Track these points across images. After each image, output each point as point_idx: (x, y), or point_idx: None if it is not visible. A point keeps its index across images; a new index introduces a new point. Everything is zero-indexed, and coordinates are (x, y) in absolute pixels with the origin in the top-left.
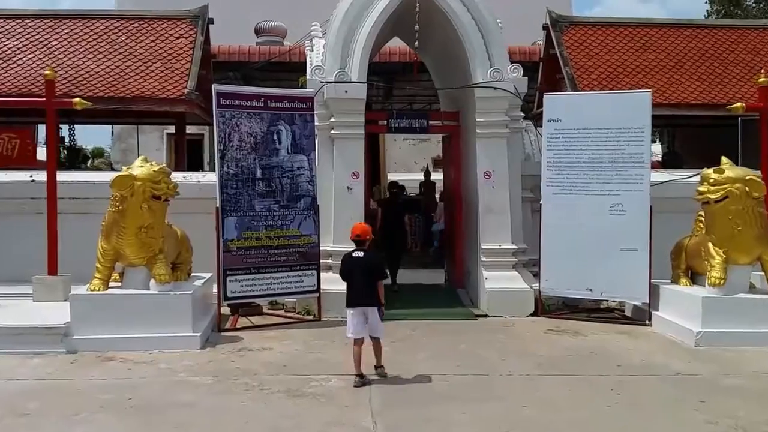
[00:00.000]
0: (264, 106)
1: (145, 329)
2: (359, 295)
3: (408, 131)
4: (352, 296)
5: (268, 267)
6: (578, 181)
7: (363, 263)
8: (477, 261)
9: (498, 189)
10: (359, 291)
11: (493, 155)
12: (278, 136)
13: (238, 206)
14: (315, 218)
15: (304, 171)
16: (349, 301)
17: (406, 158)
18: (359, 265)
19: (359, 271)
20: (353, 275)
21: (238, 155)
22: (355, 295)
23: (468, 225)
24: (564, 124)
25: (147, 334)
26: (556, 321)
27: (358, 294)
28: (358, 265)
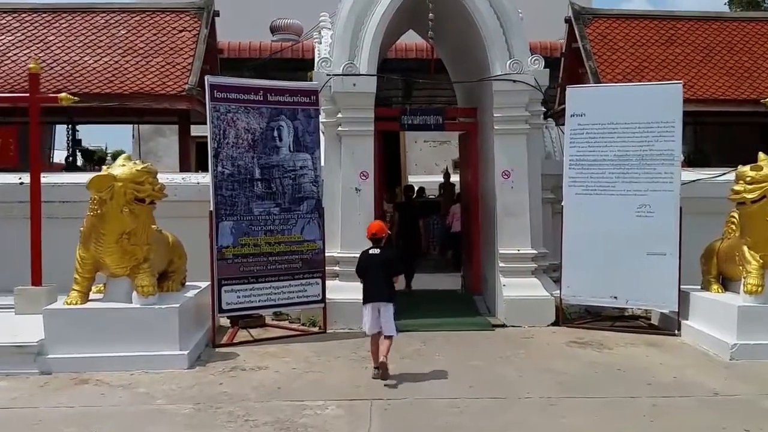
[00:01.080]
0: (263, 100)
1: (127, 347)
2: (374, 291)
3: (422, 129)
4: (368, 292)
5: (267, 276)
6: (603, 181)
7: (379, 260)
8: (494, 266)
9: (517, 189)
10: (374, 287)
11: (512, 153)
12: (279, 132)
13: (234, 210)
14: (319, 222)
15: (308, 171)
16: (365, 297)
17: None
18: (375, 261)
19: (375, 267)
20: (369, 272)
21: (235, 153)
22: (370, 292)
23: (485, 228)
24: (588, 118)
25: (129, 352)
26: (579, 331)
27: (373, 290)
28: (374, 261)
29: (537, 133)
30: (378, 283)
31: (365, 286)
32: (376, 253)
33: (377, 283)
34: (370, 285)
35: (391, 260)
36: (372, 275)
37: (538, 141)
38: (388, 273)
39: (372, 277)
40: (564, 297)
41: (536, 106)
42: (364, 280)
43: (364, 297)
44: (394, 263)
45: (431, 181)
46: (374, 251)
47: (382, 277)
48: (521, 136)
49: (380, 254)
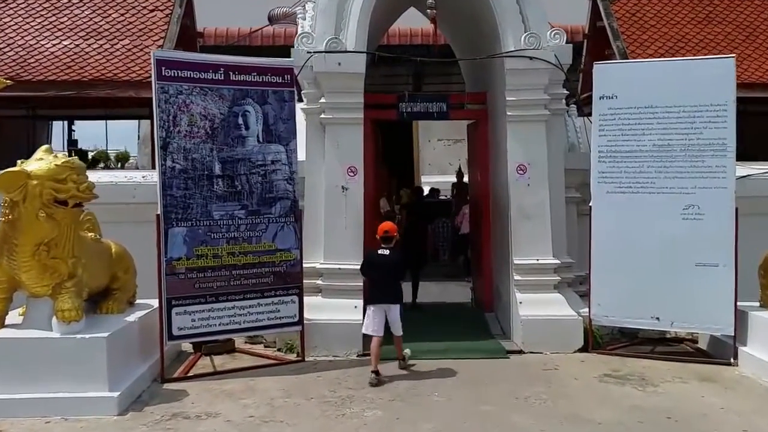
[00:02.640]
0: (224, 80)
1: (45, 387)
2: (381, 292)
3: (423, 117)
4: (374, 293)
5: (230, 294)
6: (640, 176)
7: (389, 261)
8: (509, 279)
9: (535, 187)
10: (382, 288)
11: (529, 144)
12: (245, 119)
13: (188, 213)
14: (296, 227)
15: (281, 165)
16: (371, 299)
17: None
18: (385, 262)
19: (384, 268)
20: (377, 272)
21: (188, 144)
22: (378, 293)
23: (497, 233)
24: (621, 101)
25: (47, 393)
26: (613, 360)
27: (381, 291)
28: (383, 262)
29: (558, 120)
30: (386, 284)
31: (371, 286)
32: (385, 254)
33: (385, 284)
34: (377, 286)
35: (399, 263)
36: (380, 276)
37: (560, 129)
38: (397, 275)
39: (379, 278)
40: (594, 317)
41: (557, 88)
42: (370, 280)
43: (369, 298)
44: (402, 267)
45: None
46: (383, 251)
47: (391, 278)
48: (539, 124)
49: (390, 255)
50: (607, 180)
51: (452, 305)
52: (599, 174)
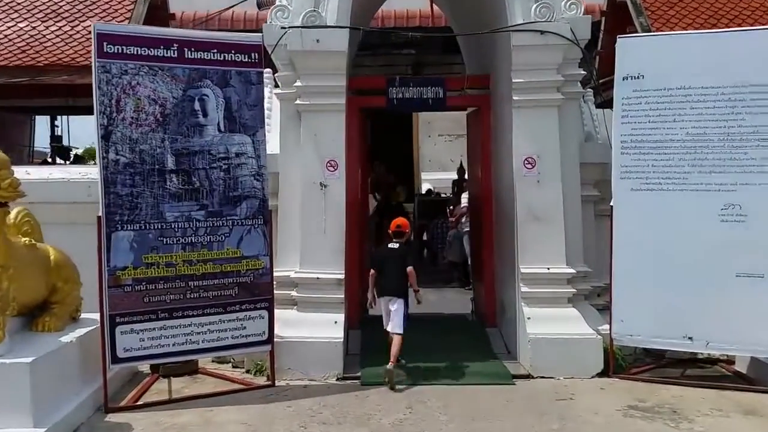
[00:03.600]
0: (179, 58)
1: None
2: (387, 284)
3: (416, 105)
4: (381, 286)
5: (187, 309)
6: (670, 171)
7: (398, 254)
8: (514, 290)
9: (545, 184)
10: (387, 280)
11: (539, 133)
12: (202, 105)
13: (135, 215)
14: (265, 230)
15: (247, 159)
16: (380, 291)
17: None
18: (393, 255)
19: (392, 261)
20: (385, 265)
21: (135, 134)
22: (383, 285)
23: (501, 237)
24: (648, 82)
25: None
26: (638, 387)
27: (386, 283)
28: (392, 255)
29: (573, 105)
30: (391, 277)
31: (380, 279)
32: (395, 247)
33: (391, 277)
34: (384, 278)
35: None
36: (388, 269)
37: (575, 116)
38: (404, 267)
39: (386, 270)
40: (616, 336)
41: (572, 68)
42: (379, 272)
43: (380, 291)
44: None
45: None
46: (394, 245)
47: (397, 271)
48: (551, 110)
49: (399, 248)
50: (630, 175)
51: (449, 318)
52: (622, 168)
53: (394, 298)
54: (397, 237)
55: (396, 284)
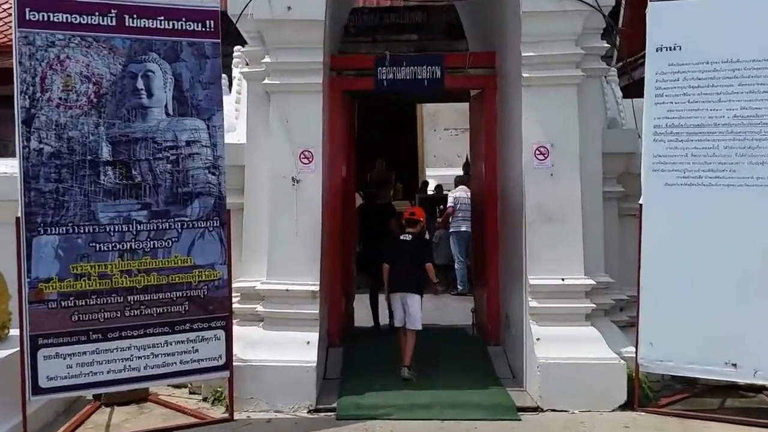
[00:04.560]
0: (118, 26)
1: None
2: (400, 280)
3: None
4: (393, 282)
5: (125, 329)
6: (714, 161)
7: (411, 246)
8: (522, 305)
9: (560, 177)
10: (400, 276)
11: (553, 118)
12: (146, 82)
13: (61, 215)
14: (222, 234)
15: (201, 148)
16: (392, 287)
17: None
18: (405, 247)
19: (404, 254)
20: (396, 258)
21: (63, 118)
22: (396, 281)
23: (506, 241)
24: (687, 54)
25: None
26: (670, 424)
27: (399, 279)
28: (404, 247)
29: (594, 84)
30: (405, 272)
31: (392, 274)
32: (407, 239)
33: (404, 272)
34: (397, 274)
35: (422, 249)
36: (400, 263)
37: (596, 98)
38: (419, 262)
39: (399, 265)
40: (643, 362)
41: (594, 40)
42: (390, 267)
43: (390, 286)
44: (425, 251)
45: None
46: (406, 236)
47: (411, 266)
48: (568, 90)
49: (411, 240)
50: (665, 167)
51: (447, 331)
52: (654, 159)
53: (408, 294)
54: (410, 226)
55: (410, 279)
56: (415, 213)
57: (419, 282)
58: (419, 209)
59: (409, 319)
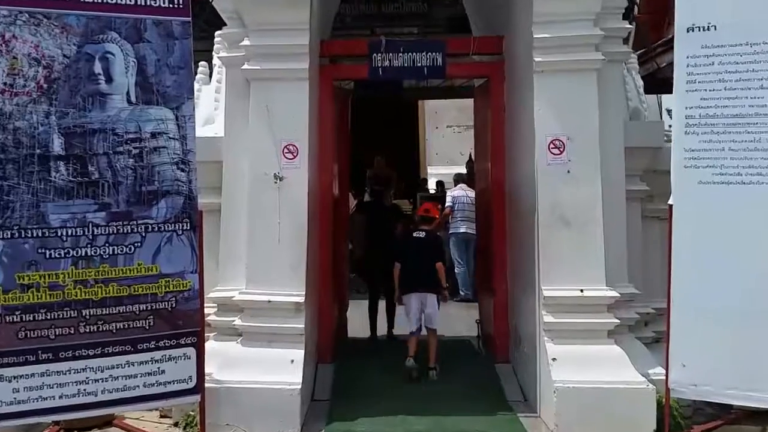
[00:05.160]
0: (72, 2)
1: None
2: (415, 279)
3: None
4: (407, 281)
5: (80, 347)
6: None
7: (424, 243)
8: (534, 319)
9: (579, 174)
10: (416, 274)
11: (569, 107)
12: (105, 66)
13: (6, 218)
14: (193, 239)
15: (169, 141)
16: (405, 286)
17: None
18: (420, 244)
19: (418, 251)
20: (409, 256)
21: (8, 106)
22: (410, 280)
23: (516, 246)
24: (723, 35)
25: None
26: None
27: (414, 278)
28: (417, 244)
29: (615, 70)
30: (420, 270)
31: (404, 273)
32: (420, 237)
33: (419, 270)
34: (411, 272)
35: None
36: (413, 260)
37: (617, 85)
38: (434, 258)
39: (413, 263)
40: (675, 386)
41: (614, 20)
42: (402, 265)
43: (403, 286)
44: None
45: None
46: (419, 234)
47: (426, 262)
48: (587, 76)
49: (425, 237)
50: (698, 163)
51: (450, 344)
52: (686, 153)
53: (424, 294)
54: (424, 223)
55: (425, 278)
56: (429, 210)
57: (436, 280)
58: (433, 205)
59: (427, 318)
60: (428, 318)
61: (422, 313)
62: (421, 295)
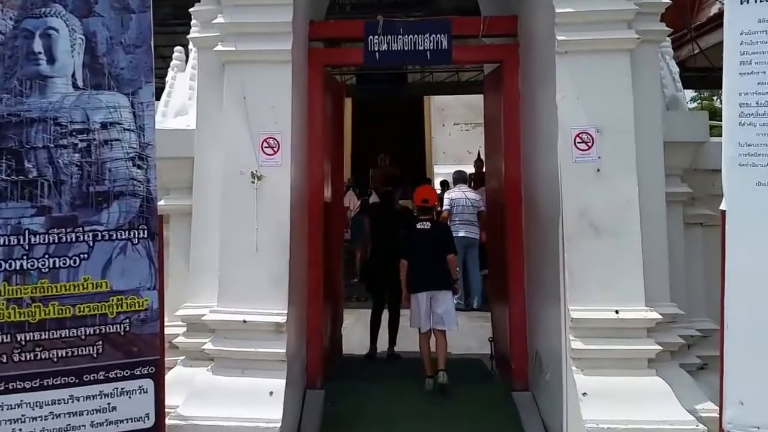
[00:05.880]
0: None
1: None
2: (425, 275)
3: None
4: (415, 279)
5: (14, 379)
6: None
7: (431, 235)
8: (560, 341)
9: (611, 174)
10: (424, 271)
11: (599, 94)
12: (47, 44)
13: None
14: (151, 248)
15: (123, 133)
16: (413, 285)
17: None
18: (427, 238)
19: (426, 245)
20: (417, 251)
21: None
22: (419, 277)
23: (535, 256)
24: None
25: None
26: None
27: (424, 275)
28: (424, 237)
29: (651, 52)
30: (431, 267)
31: (413, 270)
32: (425, 228)
33: (431, 266)
34: (420, 269)
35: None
36: (422, 256)
37: (654, 69)
38: (443, 252)
39: (422, 259)
40: (731, 427)
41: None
42: (410, 262)
43: (411, 284)
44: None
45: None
46: (423, 225)
47: (437, 257)
48: (619, 57)
49: (432, 228)
50: (756, 160)
51: (458, 364)
52: (740, 149)
53: (436, 292)
54: (424, 213)
55: (436, 273)
56: (428, 200)
57: (448, 275)
58: (429, 190)
59: (441, 318)
60: (438, 319)
61: (431, 313)
62: (431, 294)
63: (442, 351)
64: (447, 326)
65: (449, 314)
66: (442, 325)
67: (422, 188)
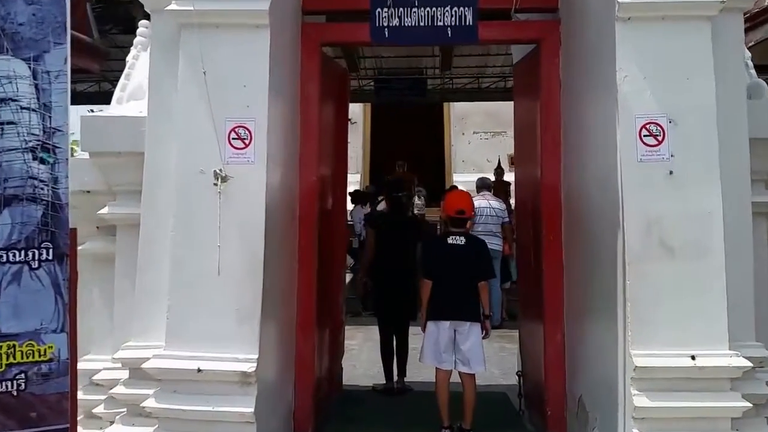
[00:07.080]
0: None
1: None
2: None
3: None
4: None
5: None
6: None
7: (464, 253)
8: (615, 390)
9: (688, 177)
10: (450, 296)
11: (672, 76)
12: None
13: None
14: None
15: (19, 113)
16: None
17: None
18: (458, 255)
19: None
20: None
21: None
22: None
23: (582, 282)
24: None
25: None
26: None
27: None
28: (455, 254)
29: (735, 24)
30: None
31: (435, 294)
32: (459, 244)
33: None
34: (445, 292)
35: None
36: (449, 277)
37: (737, 46)
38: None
39: (449, 280)
40: None
41: None
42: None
43: (431, 311)
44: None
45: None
46: (456, 240)
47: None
48: (698, 27)
49: (465, 245)
50: None
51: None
52: None
53: (462, 323)
54: (457, 226)
55: (466, 300)
56: (464, 210)
57: (479, 306)
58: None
59: (466, 358)
60: (464, 358)
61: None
62: (456, 324)
63: (470, 403)
64: (474, 369)
65: (476, 353)
66: (468, 367)
67: (456, 194)
